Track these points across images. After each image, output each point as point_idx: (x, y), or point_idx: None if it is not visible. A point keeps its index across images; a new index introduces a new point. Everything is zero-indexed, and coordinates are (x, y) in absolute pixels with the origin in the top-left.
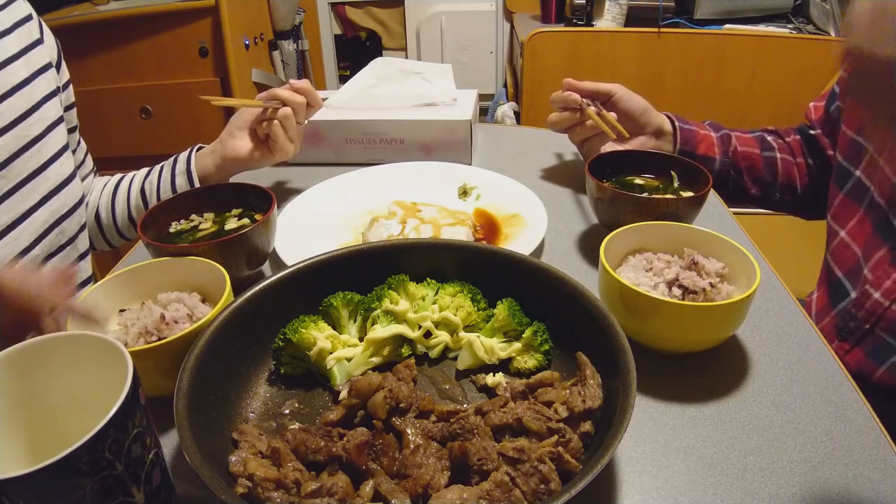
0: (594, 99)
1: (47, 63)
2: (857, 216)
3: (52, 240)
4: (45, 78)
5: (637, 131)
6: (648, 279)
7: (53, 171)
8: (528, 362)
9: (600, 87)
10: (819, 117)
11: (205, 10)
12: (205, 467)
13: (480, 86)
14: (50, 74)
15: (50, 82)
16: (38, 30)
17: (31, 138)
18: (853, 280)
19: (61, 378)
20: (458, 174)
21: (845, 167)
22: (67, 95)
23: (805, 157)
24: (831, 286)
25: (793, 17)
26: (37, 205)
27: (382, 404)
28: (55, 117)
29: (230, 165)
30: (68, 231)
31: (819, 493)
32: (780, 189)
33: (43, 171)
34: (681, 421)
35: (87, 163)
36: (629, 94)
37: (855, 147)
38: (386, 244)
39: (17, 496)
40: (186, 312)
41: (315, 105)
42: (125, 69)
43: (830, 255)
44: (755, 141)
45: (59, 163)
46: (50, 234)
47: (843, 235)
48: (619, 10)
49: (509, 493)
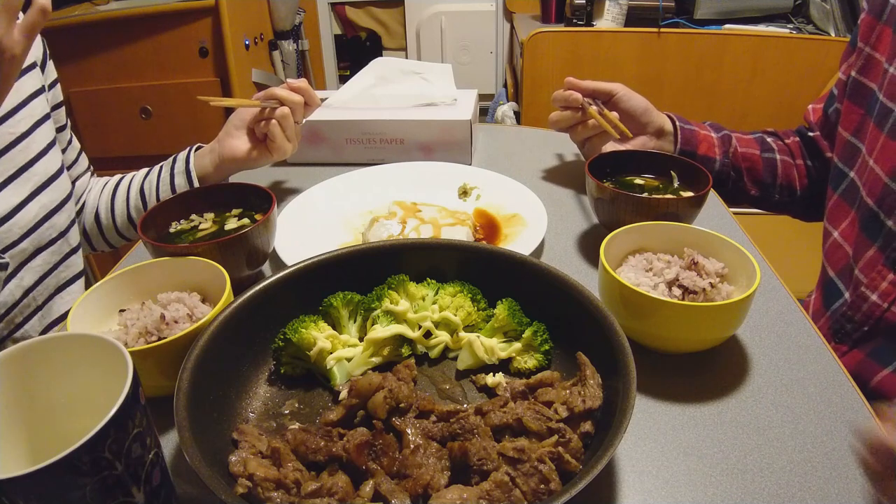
0: (595, 98)
1: (32, 63)
2: (849, 217)
3: (43, 233)
4: (30, 76)
5: (638, 131)
6: (648, 279)
7: (41, 166)
8: (528, 362)
9: (602, 86)
10: (818, 119)
11: (205, 10)
12: (205, 467)
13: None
14: (35, 73)
15: (35, 81)
16: None
17: (19, 135)
18: (844, 280)
19: (61, 378)
20: (458, 174)
21: (840, 168)
22: (54, 94)
23: (804, 158)
24: (825, 287)
25: (793, 17)
26: (26, 199)
27: (382, 404)
28: (42, 114)
29: (228, 165)
30: (58, 225)
31: (819, 493)
32: (779, 190)
33: (31, 167)
34: (681, 421)
35: (81, 162)
36: (630, 93)
37: (850, 149)
38: (386, 244)
39: (17, 496)
40: (186, 312)
41: (313, 104)
42: (125, 69)
43: (825, 255)
44: (755, 142)
45: (46, 158)
46: (40, 227)
47: (835, 236)
48: (619, 10)
49: (509, 493)
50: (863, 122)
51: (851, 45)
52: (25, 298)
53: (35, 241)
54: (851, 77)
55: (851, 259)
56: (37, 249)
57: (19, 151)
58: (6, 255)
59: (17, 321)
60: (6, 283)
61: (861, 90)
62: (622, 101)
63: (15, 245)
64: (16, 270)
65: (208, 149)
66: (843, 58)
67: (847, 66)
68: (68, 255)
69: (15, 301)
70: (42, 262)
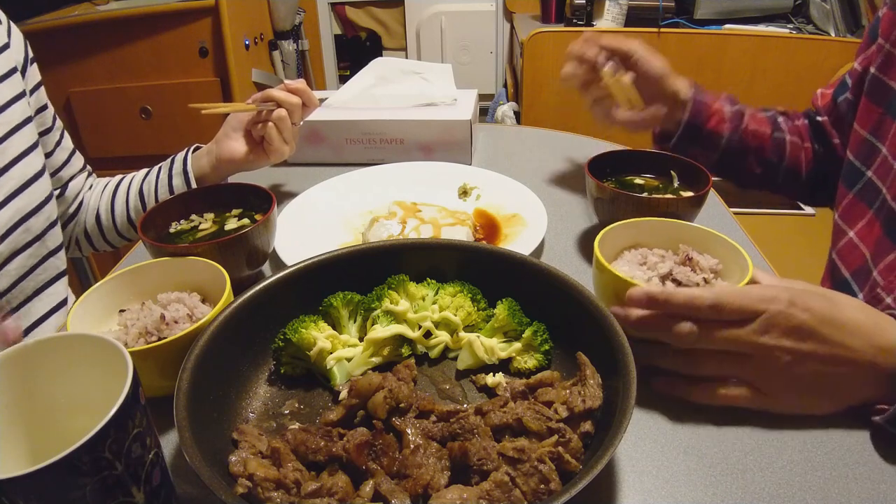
0: (613, 56)
1: (12, 68)
2: (866, 217)
3: (17, 237)
4: (9, 82)
5: (653, 95)
6: (642, 272)
7: (17, 170)
8: (528, 362)
9: (620, 44)
10: (826, 105)
11: (205, 10)
12: (205, 467)
13: (480, 86)
14: (15, 79)
15: (15, 86)
16: (6, 34)
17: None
18: (860, 281)
19: (61, 378)
20: (458, 174)
21: (857, 167)
22: (38, 98)
23: (812, 142)
24: (836, 286)
25: (793, 17)
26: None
27: (382, 404)
28: (20, 119)
29: (225, 166)
30: (34, 228)
31: (819, 493)
32: (784, 172)
33: (6, 172)
34: (681, 421)
35: (74, 162)
36: (650, 55)
37: (867, 147)
38: (386, 244)
39: (17, 496)
40: (186, 312)
41: (311, 105)
42: (125, 69)
43: (837, 254)
44: (767, 121)
45: (23, 162)
46: (14, 231)
47: (851, 236)
48: (619, 10)
49: (509, 493)
50: (881, 121)
51: (871, 37)
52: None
53: (10, 245)
54: (871, 73)
55: (869, 261)
56: (12, 253)
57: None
58: None
59: None
60: None
61: (881, 88)
62: (641, 63)
63: None
64: None
65: (206, 150)
66: (861, 49)
67: (864, 59)
68: (46, 257)
69: None
70: (17, 266)
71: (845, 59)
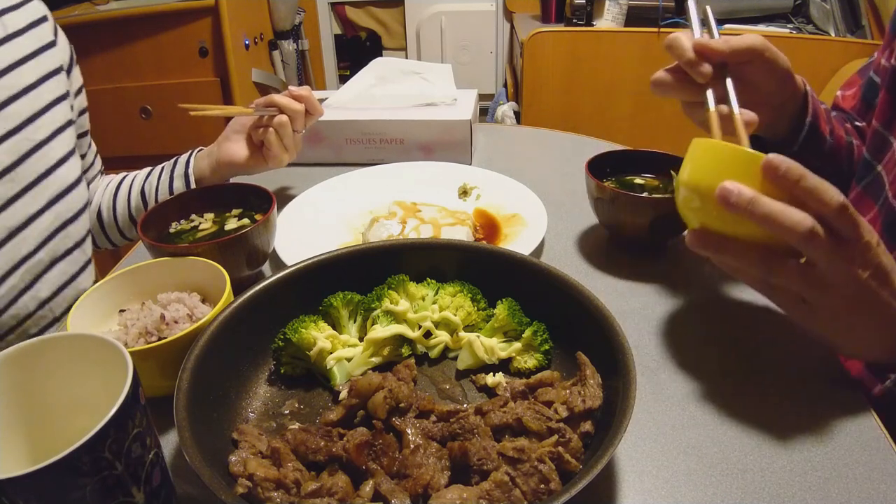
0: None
1: (58, 66)
2: (871, 213)
3: (58, 244)
4: (54, 81)
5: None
6: None
7: (59, 175)
8: (528, 362)
9: (740, 44)
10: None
11: (205, 10)
12: (205, 467)
13: (480, 86)
14: (60, 78)
15: (60, 86)
16: (52, 32)
17: (37, 142)
18: None
19: (61, 378)
20: (458, 174)
21: (868, 160)
22: (80, 100)
23: None
24: None
25: (793, 17)
26: (42, 209)
27: (382, 404)
28: (63, 121)
29: (225, 169)
30: (74, 235)
31: (819, 493)
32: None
33: (48, 176)
34: (681, 421)
35: (96, 164)
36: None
37: (879, 140)
38: (386, 244)
39: (17, 496)
40: (186, 312)
41: (315, 113)
42: (125, 69)
43: None
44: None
45: (65, 167)
46: (55, 238)
47: None
48: (619, 10)
49: (509, 493)
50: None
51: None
52: (41, 310)
53: (50, 252)
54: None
55: None
56: (52, 260)
57: (38, 159)
58: (22, 266)
59: (31, 332)
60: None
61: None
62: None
63: (30, 257)
64: (31, 283)
65: (207, 152)
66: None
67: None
68: (86, 265)
69: (29, 312)
70: (59, 273)
71: (845, 60)
